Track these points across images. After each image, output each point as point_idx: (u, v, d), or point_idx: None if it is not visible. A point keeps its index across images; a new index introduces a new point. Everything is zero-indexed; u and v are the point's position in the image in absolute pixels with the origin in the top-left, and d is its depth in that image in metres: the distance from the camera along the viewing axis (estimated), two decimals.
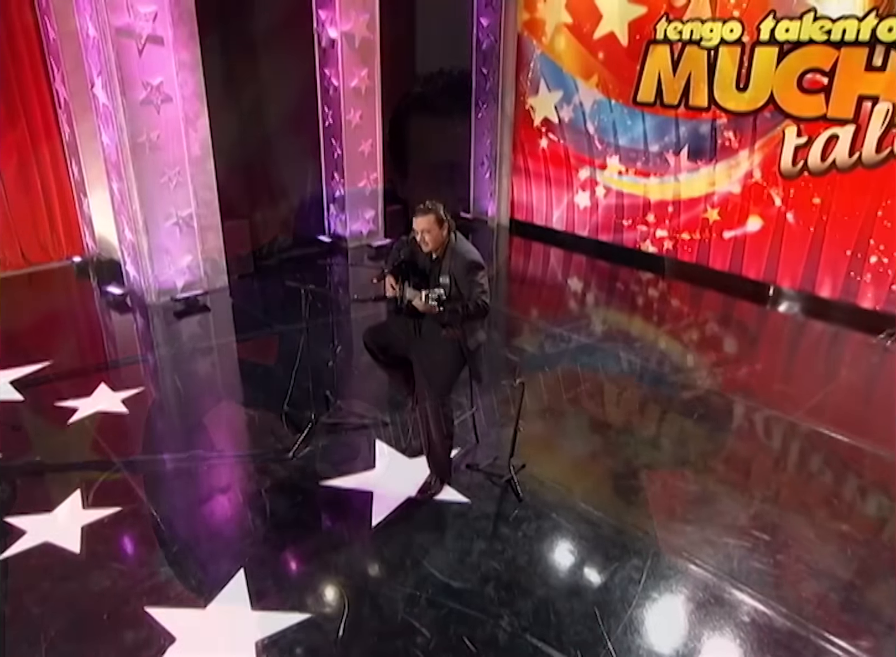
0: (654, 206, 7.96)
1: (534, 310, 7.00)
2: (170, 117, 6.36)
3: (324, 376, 4.89)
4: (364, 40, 7.88)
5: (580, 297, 7.45)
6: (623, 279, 7.94)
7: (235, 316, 6.80)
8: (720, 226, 7.42)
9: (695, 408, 4.98)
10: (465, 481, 4.09)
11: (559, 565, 3.51)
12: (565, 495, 4.00)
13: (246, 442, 4.64)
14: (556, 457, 4.39)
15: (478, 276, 3.71)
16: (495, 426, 4.67)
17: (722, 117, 7.05)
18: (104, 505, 3.87)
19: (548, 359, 5.74)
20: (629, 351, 5.88)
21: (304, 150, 8.20)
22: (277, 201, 8.07)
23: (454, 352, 3.84)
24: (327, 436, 4.52)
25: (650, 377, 5.52)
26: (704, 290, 7.49)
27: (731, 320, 7.00)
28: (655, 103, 7.56)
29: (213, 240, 7.03)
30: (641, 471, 4.24)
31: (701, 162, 7.38)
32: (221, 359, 5.97)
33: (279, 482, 4.08)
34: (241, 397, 5.16)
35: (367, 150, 8.37)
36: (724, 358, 5.99)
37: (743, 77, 6.76)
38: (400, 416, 4.74)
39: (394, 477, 4.14)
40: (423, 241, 3.73)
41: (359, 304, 6.65)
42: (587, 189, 8.60)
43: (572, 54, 8.20)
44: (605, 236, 8.56)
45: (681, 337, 6.37)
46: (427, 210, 3.69)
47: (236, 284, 7.34)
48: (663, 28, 7.25)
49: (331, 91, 8.04)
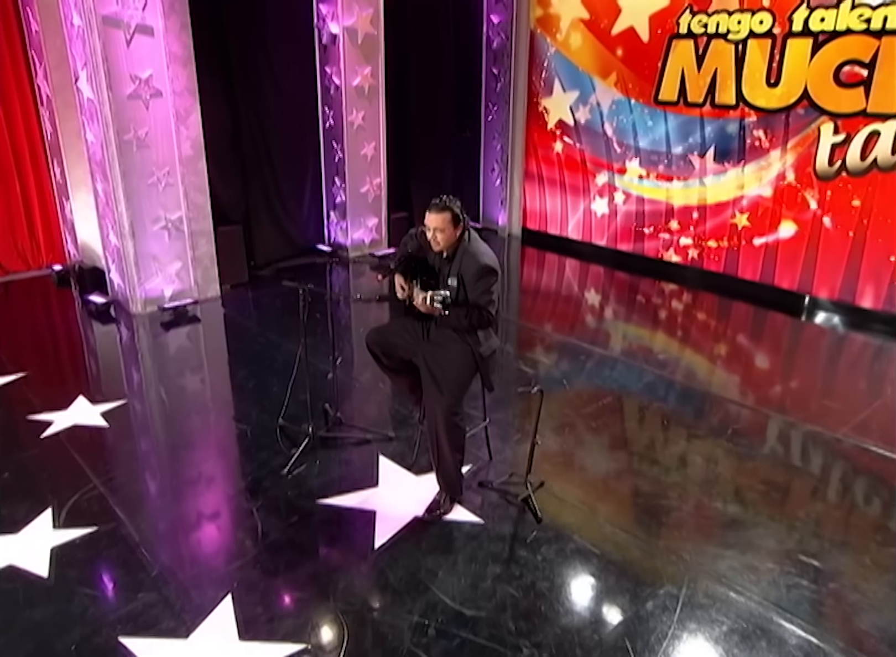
0: (677, 213, 7.84)
1: (549, 324, 6.85)
2: (159, 113, 6.28)
3: (323, 389, 4.78)
4: (367, 36, 7.83)
5: (598, 311, 7.29)
6: (644, 291, 7.80)
7: (228, 327, 6.68)
8: (750, 232, 7.28)
9: (727, 425, 4.82)
10: (478, 500, 3.93)
11: (584, 592, 3.31)
12: (588, 515, 3.82)
13: (236, 458, 4.49)
14: (576, 475, 4.21)
15: (489, 282, 3.59)
16: (510, 441, 4.52)
17: (751, 115, 6.95)
18: (78, 525, 3.70)
19: (565, 373, 5.57)
20: (653, 365, 5.74)
21: (302, 152, 8.13)
22: (274, 207, 7.96)
23: (466, 357, 3.71)
24: (326, 451, 4.37)
25: (677, 392, 5.36)
26: (733, 302, 7.34)
27: (764, 333, 6.83)
28: (679, 102, 7.47)
29: (204, 246, 6.92)
30: (672, 491, 4.06)
31: (728, 164, 7.26)
32: (211, 372, 5.83)
33: (272, 500, 3.91)
34: (231, 411, 5.01)
35: (370, 153, 8.30)
36: (758, 373, 5.85)
37: (774, 71, 6.66)
38: (405, 431, 4.61)
39: (399, 495, 3.98)
40: (433, 240, 3.62)
41: (362, 308, 6.52)
42: (605, 195, 8.49)
43: (589, 52, 8.13)
44: (625, 245, 8.43)
45: (709, 351, 6.21)
46: (443, 207, 3.57)
47: (229, 294, 7.22)
48: (687, 21, 7.17)
49: (332, 90, 7.99)
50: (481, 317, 3.60)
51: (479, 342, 3.72)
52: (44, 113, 7.08)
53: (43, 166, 7.29)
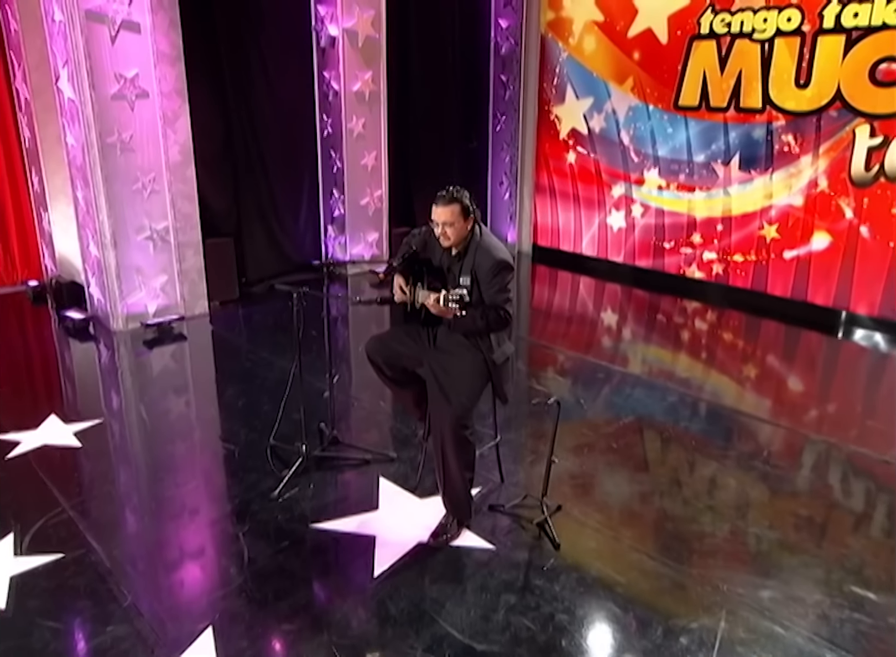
0: (700, 225, 7.75)
1: (563, 344, 6.70)
2: (145, 115, 6.22)
3: (318, 408, 4.66)
4: (368, 39, 7.81)
5: (616, 331, 7.13)
6: (665, 310, 7.68)
7: (216, 345, 6.57)
8: (780, 245, 7.17)
9: (762, 447, 4.67)
10: (488, 524, 3.75)
11: (608, 625, 3.10)
12: (612, 541, 3.64)
13: (222, 480, 4.33)
14: (597, 498, 4.04)
15: (505, 279, 3.50)
16: (523, 462, 4.36)
17: (779, 119, 6.88)
18: (42, 551, 3.51)
19: (582, 392, 5.42)
20: (677, 384, 5.61)
21: (299, 161, 8.07)
22: (267, 219, 7.87)
23: (477, 365, 3.57)
24: (320, 472, 4.22)
25: (704, 413, 5.22)
26: (762, 320, 7.22)
27: (797, 353, 6.69)
28: (700, 107, 7.42)
29: (192, 258, 6.82)
30: (703, 515, 3.88)
31: (755, 172, 7.19)
32: (197, 391, 5.70)
33: (261, 525, 3.74)
34: (218, 431, 4.87)
35: (371, 163, 8.24)
36: (793, 394, 5.71)
37: (803, 71, 6.60)
38: (408, 451, 4.46)
39: (401, 519, 3.81)
40: (442, 235, 3.53)
41: (361, 323, 6.39)
42: (622, 208, 8.41)
43: (604, 56, 8.10)
44: (644, 262, 8.32)
45: (737, 371, 6.06)
46: (451, 198, 3.48)
47: (218, 311, 7.12)
48: (708, 21, 7.15)
49: (330, 96, 7.95)
50: (499, 317, 3.47)
51: (492, 348, 3.58)
52: (21, 118, 7.02)
53: (20, 175, 7.22)
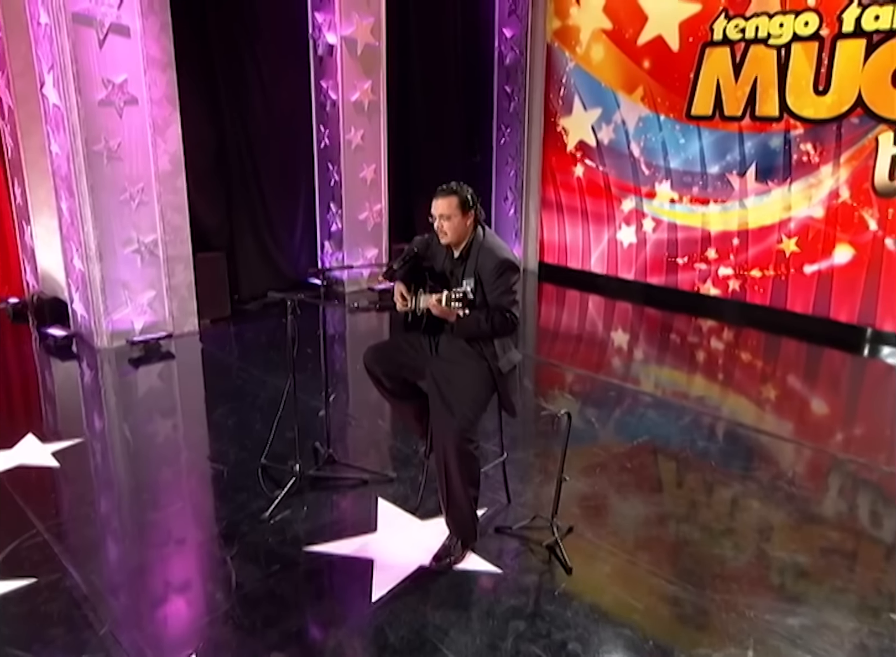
0: (715, 240, 7.69)
1: (572, 365, 6.61)
2: (134, 123, 6.18)
3: (313, 427, 4.60)
4: (368, 47, 7.81)
5: (627, 351, 7.01)
6: (679, 329, 7.61)
7: (206, 364, 6.52)
8: (800, 259, 7.10)
9: (786, 467, 4.57)
10: (495, 547, 3.63)
11: (627, 654, 2.97)
12: (627, 565, 3.52)
13: (209, 501, 4.23)
14: (611, 520, 3.93)
15: (510, 280, 3.46)
16: (531, 483, 4.26)
17: (797, 127, 6.85)
18: (14, 576, 3.39)
19: (593, 412, 5.31)
20: (693, 404, 5.56)
21: (294, 174, 8.05)
22: (261, 234, 7.82)
23: (482, 374, 3.51)
24: (315, 493, 4.12)
25: (723, 433, 5.12)
26: (781, 339, 7.16)
27: (820, 373, 6.60)
28: (714, 116, 7.40)
29: (181, 273, 6.75)
30: (725, 538, 3.76)
31: (772, 183, 7.14)
32: (185, 410, 5.62)
33: (250, 548, 3.63)
34: (206, 450, 4.78)
35: (370, 176, 8.21)
36: (817, 414, 5.65)
37: (822, 77, 6.57)
38: (408, 471, 4.35)
39: (401, 542, 3.69)
40: (439, 230, 3.52)
41: (359, 338, 6.31)
42: (632, 223, 8.36)
43: (612, 65, 8.10)
44: (656, 279, 8.26)
45: (757, 392, 5.96)
46: (450, 191, 3.49)
47: (208, 329, 7.05)
48: (722, 27, 7.14)
49: (328, 106, 7.94)
50: (504, 320, 3.41)
51: (497, 356, 3.51)
52: (4, 127, 6.99)
53: (1, 186, 7.17)
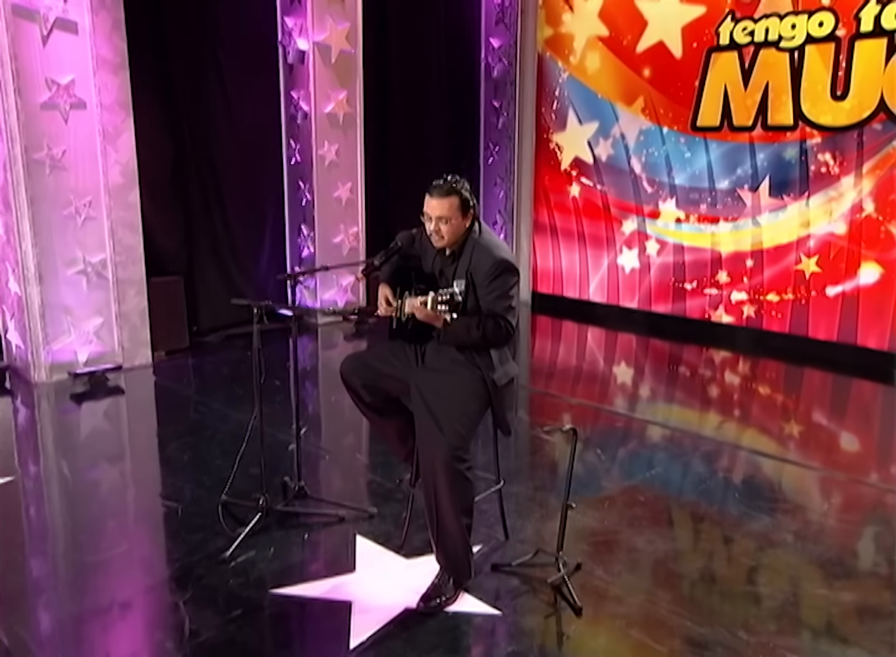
0: (726, 261, 7.65)
1: (573, 398, 6.48)
2: (82, 129, 6.08)
3: (282, 462, 4.54)
4: (343, 55, 7.80)
5: (632, 387, 6.85)
6: (689, 361, 7.51)
7: (160, 397, 6.35)
8: (821, 280, 7.04)
9: (821, 499, 4.50)
10: (492, 586, 3.46)
11: None
12: (646, 605, 3.34)
13: (160, 541, 4.04)
14: (624, 556, 3.77)
15: (507, 283, 3.39)
16: (530, 517, 4.11)
17: (814, 136, 6.84)
18: None
19: (597, 443, 5.17)
20: (712, 437, 5.51)
21: (261, 192, 7.96)
22: (224, 257, 7.69)
23: (474, 386, 3.39)
24: (283, 531, 3.96)
25: (746, 464, 5.03)
26: (804, 369, 7.08)
27: (849, 405, 6.50)
28: (722, 127, 7.40)
29: (133, 299, 6.59)
30: (759, 574, 3.62)
31: (788, 197, 7.11)
32: (134, 445, 5.48)
33: (207, 591, 3.43)
34: (158, 488, 4.59)
35: (346, 195, 8.16)
36: (848, 449, 5.57)
37: (840, 81, 6.58)
38: (390, 506, 4.19)
39: (384, 582, 3.51)
40: (435, 233, 3.40)
41: (333, 360, 6.13)
42: (634, 246, 8.31)
43: (610, 74, 8.13)
44: (662, 306, 8.19)
45: (779, 427, 5.85)
46: (448, 189, 3.37)
47: (163, 362, 6.89)
48: (728, 30, 7.18)
49: (299, 119, 7.90)
50: (497, 328, 3.31)
51: (492, 366, 3.41)
52: None
53: None
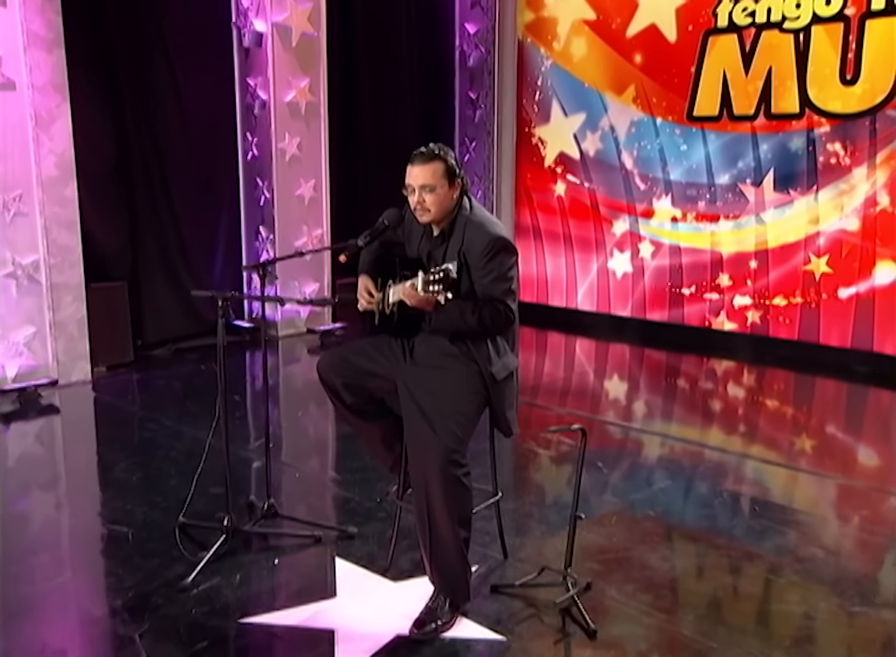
0: (728, 263, 7.67)
1: (564, 418, 6.46)
2: (10, 113, 6.02)
3: (245, 480, 4.63)
4: (305, 38, 7.76)
5: (624, 405, 6.78)
6: (688, 372, 7.50)
7: (102, 416, 6.29)
8: (833, 281, 7.07)
9: (851, 511, 4.50)
10: (492, 610, 3.37)
11: None
12: (668, 626, 3.27)
13: (109, 568, 3.91)
14: (637, 575, 3.70)
15: (505, 263, 3.30)
16: (529, 535, 4.07)
17: (822, 124, 6.90)
18: None
19: (598, 456, 5.11)
20: (721, 448, 5.53)
21: (215, 190, 7.91)
22: (173, 263, 7.58)
23: (470, 380, 3.32)
24: (251, 555, 3.90)
25: (761, 473, 5.07)
26: (816, 379, 7.10)
27: (866, 416, 6.52)
28: (721, 116, 7.44)
29: (70, 306, 6.48)
30: (790, 592, 3.57)
31: (795, 192, 7.15)
32: (74, 467, 5.36)
33: (166, 622, 3.31)
34: (103, 512, 4.49)
35: (308, 194, 8.10)
36: (871, 461, 5.62)
37: (850, 64, 6.64)
38: (372, 526, 4.12)
39: (370, 608, 3.42)
40: (419, 205, 3.33)
41: (303, 369, 6.04)
42: (626, 248, 8.32)
43: (597, 61, 8.16)
44: (657, 314, 8.20)
45: (789, 440, 5.87)
46: (431, 155, 3.30)
47: (104, 378, 6.79)
48: (727, 11, 7.24)
49: (256, 108, 7.85)
50: (496, 314, 3.23)
51: (490, 359, 3.33)
52: None
53: None
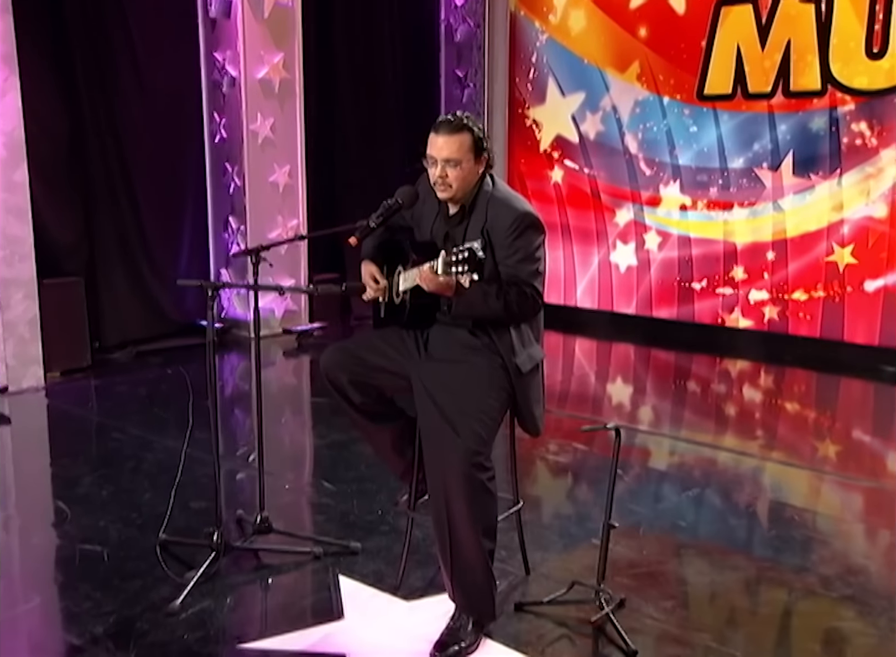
0: (743, 255, 7.71)
1: (576, 422, 6.39)
2: None
3: (232, 493, 4.63)
4: (277, 8, 7.79)
5: (635, 410, 6.77)
6: (700, 374, 7.53)
7: (60, 426, 6.21)
8: (857, 273, 7.11)
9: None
10: (517, 629, 3.35)
11: None
12: (713, 644, 3.24)
13: (86, 592, 3.76)
14: (674, 590, 3.71)
15: (533, 242, 3.28)
16: (552, 549, 4.04)
17: (846, 102, 6.93)
18: None
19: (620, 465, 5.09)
20: (746, 452, 5.57)
21: (179, 177, 7.90)
22: (134, 257, 7.54)
23: (493, 374, 3.28)
24: (245, 574, 3.86)
25: (796, 479, 5.13)
26: (840, 379, 7.15)
27: None
28: (735, 95, 7.48)
29: (20, 304, 6.46)
30: (845, 608, 3.55)
31: (816, 176, 7.19)
32: (30, 485, 5.29)
33: (155, 650, 3.24)
34: (72, 531, 4.37)
35: (283, 180, 8.10)
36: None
37: (877, 36, 6.68)
38: (377, 540, 4.09)
39: (383, 630, 3.37)
40: (440, 180, 3.26)
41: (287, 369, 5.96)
42: (630, 239, 8.34)
43: (598, 35, 8.18)
44: (665, 311, 8.23)
45: (815, 445, 5.89)
46: (458, 125, 3.25)
47: (59, 384, 6.75)
48: None
49: (224, 86, 7.85)
50: (523, 297, 3.18)
51: (514, 349, 3.28)
52: None
53: None
